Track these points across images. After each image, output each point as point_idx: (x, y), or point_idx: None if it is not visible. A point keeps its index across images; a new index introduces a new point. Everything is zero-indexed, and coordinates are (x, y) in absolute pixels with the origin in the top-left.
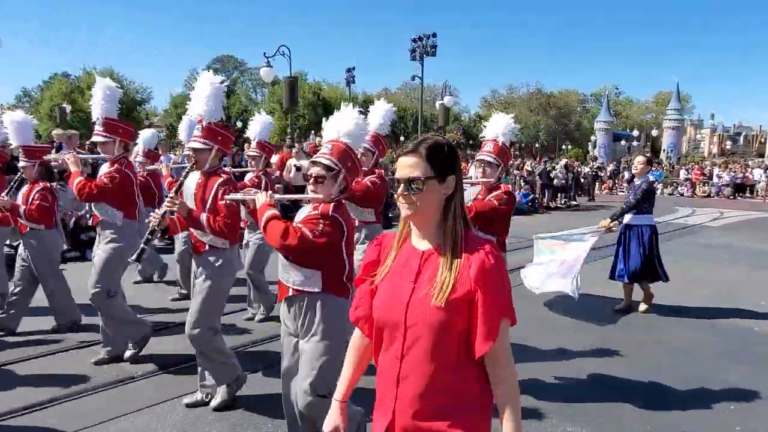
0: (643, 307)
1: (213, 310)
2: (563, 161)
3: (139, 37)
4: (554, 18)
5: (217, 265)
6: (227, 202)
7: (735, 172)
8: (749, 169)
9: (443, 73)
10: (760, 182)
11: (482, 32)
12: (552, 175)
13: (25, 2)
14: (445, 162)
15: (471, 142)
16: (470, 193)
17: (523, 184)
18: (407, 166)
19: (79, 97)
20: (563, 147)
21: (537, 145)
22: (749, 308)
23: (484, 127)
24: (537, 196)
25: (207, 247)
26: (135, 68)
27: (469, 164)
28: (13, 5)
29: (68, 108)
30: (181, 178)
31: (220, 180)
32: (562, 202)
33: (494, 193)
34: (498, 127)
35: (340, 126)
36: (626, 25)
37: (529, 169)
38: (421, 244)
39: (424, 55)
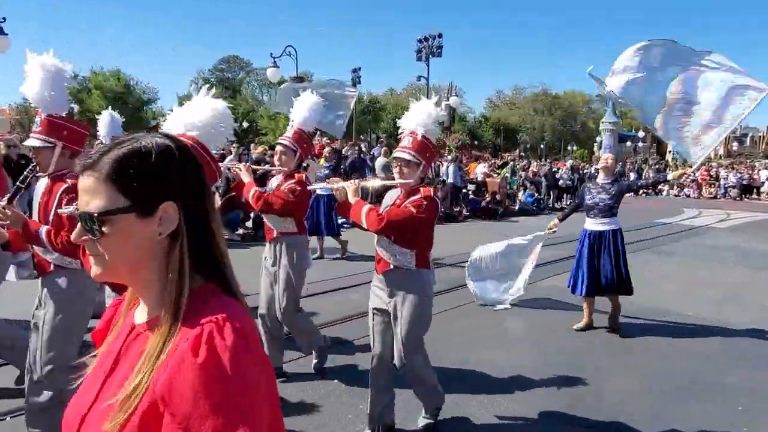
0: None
1: (61, 347)
2: (569, 162)
3: (145, 38)
4: (558, 18)
5: (64, 287)
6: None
7: (741, 173)
8: (755, 170)
9: (448, 74)
10: (766, 183)
11: (487, 32)
12: (558, 176)
13: (30, 3)
14: (152, 181)
15: (476, 143)
16: (389, 198)
17: (528, 185)
18: (83, 191)
19: (86, 97)
20: (568, 148)
21: (542, 146)
22: (755, 309)
23: (490, 127)
24: (542, 197)
25: (53, 267)
26: (142, 68)
27: (477, 165)
28: (18, 5)
29: (76, 108)
30: (18, 183)
31: (65, 186)
32: (568, 202)
33: (412, 198)
34: (419, 116)
35: (191, 118)
36: (631, 25)
37: (535, 170)
38: (141, 312)
39: (430, 56)
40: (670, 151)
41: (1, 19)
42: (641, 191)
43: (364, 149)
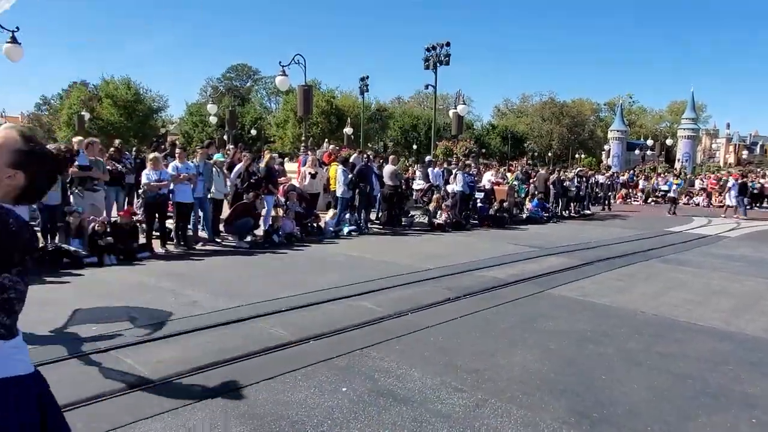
0: None
1: None
2: (575, 170)
3: (155, 47)
4: (566, 25)
5: None
6: None
7: (752, 181)
8: (766, 179)
9: (456, 82)
10: None
11: (495, 41)
12: (566, 184)
13: (45, 11)
14: None
15: (483, 150)
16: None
17: (536, 192)
18: None
19: (97, 105)
20: (576, 156)
21: (549, 154)
22: None
23: (497, 135)
24: (551, 205)
25: None
26: (151, 76)
27: (484, 172)
28: (33, 13)
29: (87, 116)
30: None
31: None
32: (576, 211)
33: None
34: None
35: None
36: (641, 36)
37: (546, 176)
38: None
39: (438, 64)
40: (678, 159)
41: (15, 28)
42: (650, 199)
43: (371, 157)
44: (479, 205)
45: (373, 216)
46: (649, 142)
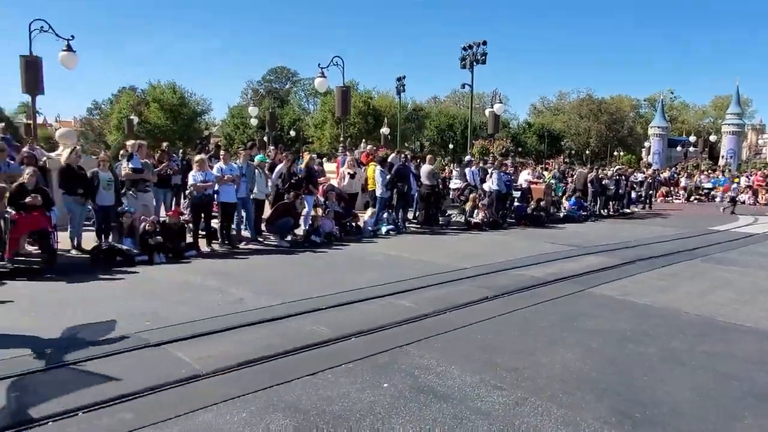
0: None
1: None
2: (615, 168)
3: (200, 52)
4: (602, 21)
5: None
6: None
7: None
8: None
9: (492, 81)
10: None
11: (531, 38)
12: (604, 182)
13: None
14: None
15: (520, 149)
16: None
17: (574, 190)
18: None
19: (144, 109)
20: (615, 153)
21: (587, 152)
22: None
23: (534, 133)
24: (588, 203)
25: None
26: (196, 80)
27: (521, 171)
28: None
29: (135, 119)
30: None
31: None
32: (614, 209)
33: None
34: None
35: None
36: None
37: (585, 172)
38: None
39: (474, 63)
40: (723, 156)
41: (70, 37)
42: (693, 197)
43: (409, 157)
44: (516, 204)
45: (410, 215)
46: (692, 138)
